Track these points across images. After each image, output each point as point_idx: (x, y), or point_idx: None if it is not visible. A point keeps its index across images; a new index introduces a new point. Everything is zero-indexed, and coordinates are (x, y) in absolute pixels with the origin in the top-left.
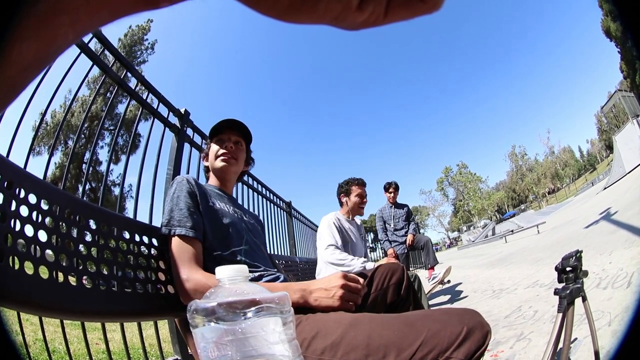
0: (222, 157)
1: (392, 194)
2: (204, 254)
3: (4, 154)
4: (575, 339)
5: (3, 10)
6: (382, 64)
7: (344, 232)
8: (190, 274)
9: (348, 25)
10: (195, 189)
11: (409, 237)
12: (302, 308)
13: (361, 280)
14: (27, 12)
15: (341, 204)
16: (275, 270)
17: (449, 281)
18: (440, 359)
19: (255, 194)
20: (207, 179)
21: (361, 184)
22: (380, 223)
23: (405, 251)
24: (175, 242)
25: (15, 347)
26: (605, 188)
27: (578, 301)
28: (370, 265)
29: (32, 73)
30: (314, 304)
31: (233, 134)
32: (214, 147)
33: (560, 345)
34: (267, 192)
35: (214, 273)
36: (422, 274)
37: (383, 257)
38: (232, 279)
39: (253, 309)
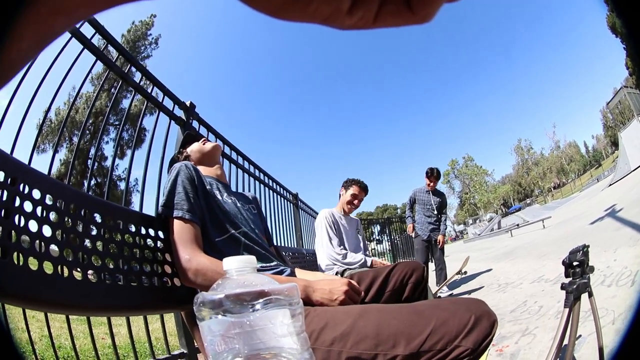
0: (206, 141)
1: (432, 183)
2: (203, 240)
3: (8, 152)
4: (580, 335)
5: (4, 9)
6: (389, 57)
7: (336, 227)
8: (193, 255)
9: (337, 26)
10: (194, 174)
11: (440, 238)
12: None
13: (362, 290)
14: (27, 11)
15: (339, 196)
16: (277, 263)
17: (465, 272)
18: (449, 347)
19: (262, 185)
20: None
21: (363, 188)
22: (409, 202)
23: (426, 237)
24: (174, 224)
25: (15, 345)
26: (610, 184)
27: (584, 297)
28: (369, 260)
29: (24, 61)
30: (315, 302)
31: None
32: (197, 145)
33: (566, 341)
34: (274, 184)
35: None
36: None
37: (390, 256)
38: (239, 270)
39: (261, 300)
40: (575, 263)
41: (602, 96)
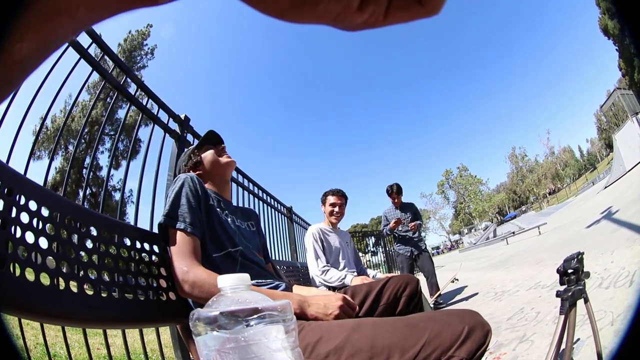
0: (228, 158)
1: (396, 199)
2: (201, 254)
3: (4, 160)
4: (578, 339)
5: (4, 9)
6: (382, 67)
7: (324, 242)
8: (192, 267)
9: (347, 25)
10: (198, 187)
11: (412, 224)
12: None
13: (357, 306)
14: (27, 11)
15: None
16: (273, 279)
17: (457, 279)
18: (444, 358)
19: (256, 199)
20: None
21: (335, 193)
22: (384, 222)
23: (409, 253)
24: (175, 235)
25: (17, 352)
26: (605, 187)
27: (580, 302)
28: (349, 279)
29: (29, 67)
30: (310, 317)
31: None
32: (212, 155)
33: (563, 346)
34: (268, 198)
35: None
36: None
37: (385, 267)
38: (234, 288)
39: (255, 317)
40: (569, 270)
41: (595, 99)
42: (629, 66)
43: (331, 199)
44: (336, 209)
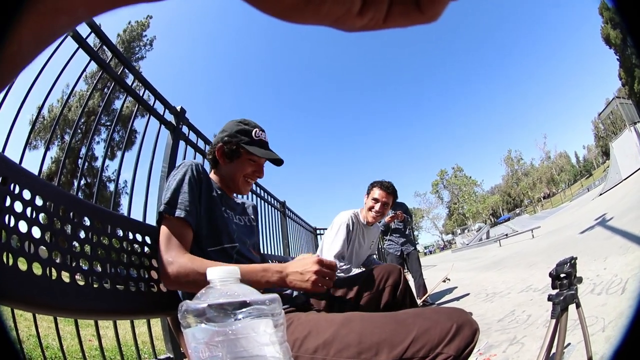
0: (249, 183)
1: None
2: (195, 246)
3: (0, 149)
4: (569, 344)
5: (3, 9)
6: (379, 65)
7: (352, 234)
8: (176, 258)
9: (347, 28)
10: (202, 177)
11: (399, 212)
12: (293, 310)
13: (336, 263)
14: (26, 10)
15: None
16: None
17: (449, 279)
18: (432, 355)
19: (249, 193)
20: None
21: (385, 188)
22: None
23: (399, 253)
24: (169, 223)
25: (12, 343)
26: (601, 194)
27: (572, 307)
28: (355, 271)
29: (26, 61)
30: (290, 286)
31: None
32: (248, 165)
33: (553, 350)
34: (262, 192)
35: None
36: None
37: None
38: (223, 280)
39: (244, 310)
40: (562, 275)
41: (594, 107)
42: (630, 76)
43: (376, 192)
44: (377, 206)
